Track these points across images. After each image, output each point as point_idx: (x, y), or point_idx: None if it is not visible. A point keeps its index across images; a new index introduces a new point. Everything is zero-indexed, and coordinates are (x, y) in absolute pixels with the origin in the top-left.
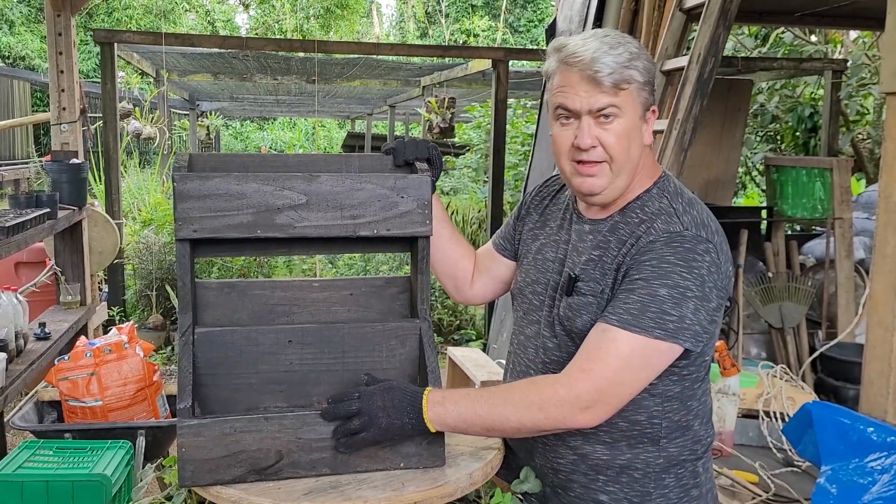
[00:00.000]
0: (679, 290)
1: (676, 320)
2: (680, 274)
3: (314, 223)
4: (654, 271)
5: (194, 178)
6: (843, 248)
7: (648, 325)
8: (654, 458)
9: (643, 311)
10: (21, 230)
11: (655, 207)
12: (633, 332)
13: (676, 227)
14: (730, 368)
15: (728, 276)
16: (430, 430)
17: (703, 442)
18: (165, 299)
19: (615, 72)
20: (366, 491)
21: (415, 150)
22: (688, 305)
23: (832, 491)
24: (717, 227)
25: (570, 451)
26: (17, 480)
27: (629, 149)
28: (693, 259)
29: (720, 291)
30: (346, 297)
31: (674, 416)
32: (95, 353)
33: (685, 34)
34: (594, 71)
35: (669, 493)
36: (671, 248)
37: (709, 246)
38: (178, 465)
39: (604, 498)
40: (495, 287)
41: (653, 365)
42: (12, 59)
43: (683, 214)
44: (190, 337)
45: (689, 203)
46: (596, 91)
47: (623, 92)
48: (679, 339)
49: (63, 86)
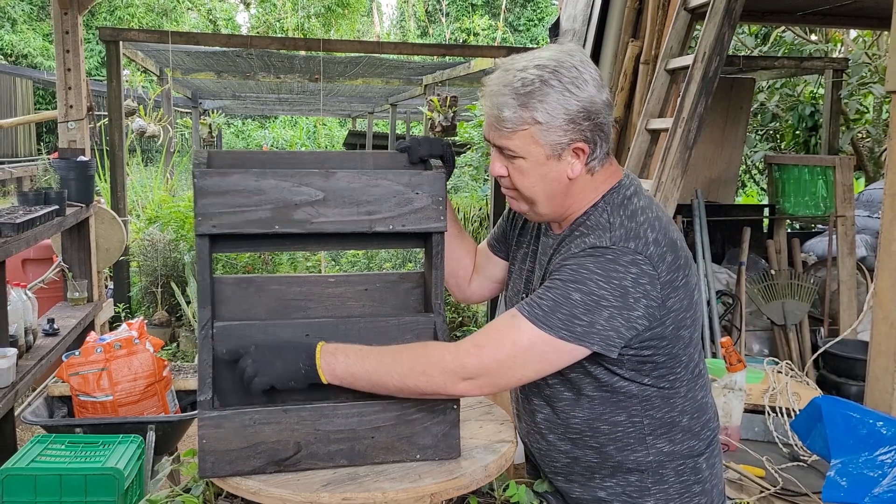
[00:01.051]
0: (594, 297)
1: (586, 325)
2: (596, 283)
3: (331, 219)
4: (571, 275)
5: (214, 175)
6: (845, 246)
7: (556, 325)
8: (644, 457)
9: (554, 310)
10: (31, 227)
11: (595, 222)
12: (539, 328)
13: (603, 242)
14: (736, 364)
15: (671, 283)
16: (322, 379)
17: (700, 437)
18: (170, 296)
19: (507, 118)
20: (384, 482)
21: (429, 147)
22: (601, 313)
23: (843, 484)
24: (660, 239)
25: (563, 455)
26: (31, 474)
27: (534, 185)
28: (613, 269)
29: (646, 301)
30: (360, 293)
31: (655, 413)
32: (106, 349)
33: (689, 33)
34: (494, 109)
35: (669, 489)
36: (592, 259)
37: (636, 258)
38: (199, 457)
39: (602, 494)
40: (491, 286)
41: (550, 361)
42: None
43: (618, 228)
44: (209, 331)
45: (632, 214)
46: (495, 130)
47: (520, 134)
48: (585, 343)
49: (70, 83)
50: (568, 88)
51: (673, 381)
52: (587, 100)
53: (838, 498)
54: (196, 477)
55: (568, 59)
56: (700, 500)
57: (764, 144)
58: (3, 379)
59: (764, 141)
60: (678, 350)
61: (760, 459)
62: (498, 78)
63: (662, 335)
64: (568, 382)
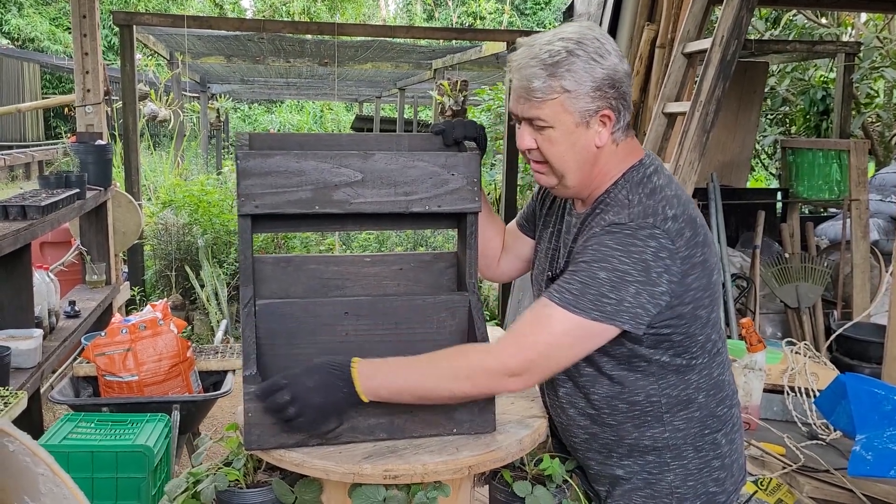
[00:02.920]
0: (618, 273)
1: (615, 303)
2: (619, 259)
3: (369, 199)
4: (594, 255)
5: (256, 156)
6: (859, 230)
7: (587, 306)
8: (661, 433)
9: (583, 293)
10: (54, 209)
11: (614, 199)
12: (571, 312)
13: (621, 219)
14: (756, 345)
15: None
16: (364, 401)
17: (716, 414)
18: (184, 279)
19: (537, 88)
20: (423, 455)
21: (463, 129)
22: (627, 289)
23: (868, 458)
24: (679, 214)
25: (582, 431)
26: (64, 451)
27: (564, 154)
28: (632, 244)
29: (668, 276)
30: (395, 272)
31: (672, 391)
32: (131, 330)
33: (706, 16)
34: (523, 80)
35: (689, 465)
36: (610, 236)
37: (654, 232)
38: (245, 430)
39: (620, 472)
40: (519, 266)
41: (584, 344)
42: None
43: (636, 206)
44: (252, 308)
45: (651, 192)
46: (525, 102)
47: (549, 103)
48: (616, 321)
49: (87, 67)
50: (592, 58)
51: (689, 359)
52: (611, 68)
53: (864, 472)
54: (237, 450)
55: (589, 32)
56: (720, 474)
57: (774, 129)
58: (30, 359)
59: (774, 125)
60: (695, 330)
61: (781, 437)
62: (524, 52)
63: (681, 314)
64: (588, 359)
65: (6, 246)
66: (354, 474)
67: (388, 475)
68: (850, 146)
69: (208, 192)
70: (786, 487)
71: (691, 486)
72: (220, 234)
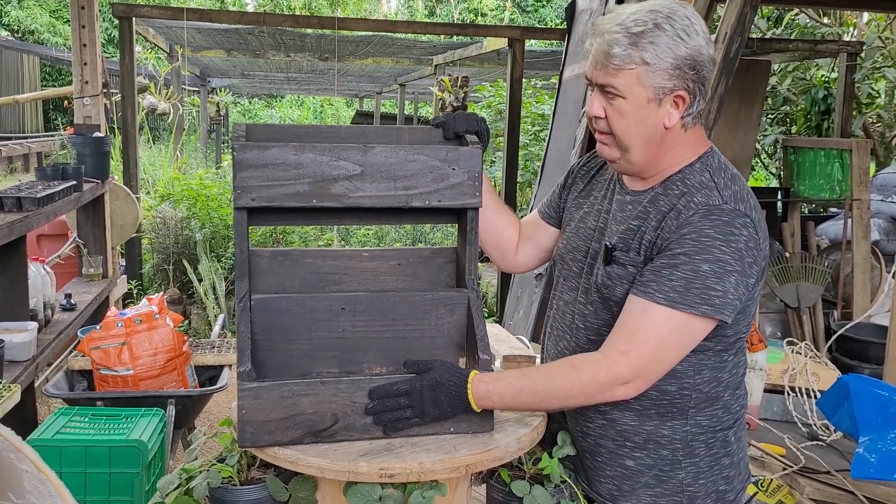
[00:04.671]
0: (720, 264)
1: (721, 295)
2: (719, 248)
3: (368, 193)
4: (694, 246)
5: (253, 148)
6: (860, 229)
7: (694, 301)
8: (681, 426)
9: (688, 287)
10: (50, 202)
11: (697, 181)
12: (677, 310)
13: (716, 201)
14: (757, 344)
15: (765, 252)
16: (475, 408)
17: (731, 411)
18: (182, 273)
19: (616, 55)
20: (420, 454)
21: (465, 123)
22: (729, 280)
23: (872, 460)
24: (756, 205)
25: (600, 416)
26: (57, 446)
27: (630, 128)
28: (731, 233)
29: (758, 267)
30: (394, 267)
31: (704, 387)
32: (127, 323)
33: (710, 13)
34: (603, 45)
35: (700, 462)
36: (710, 221)
37: (746, 220)
38: (238, 427)
39: (630, 463)
40: (539, 255)
41: (688, 341)
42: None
43: (724, 189)
44: (247, 303)
45: (732, 178)
46: (601, 67)
47: (626, 73)
48: (722, 313)
49: (86, 59)
50: (679, 34)
51: (726, 357)
52: (695, 49)
53: (868, 474)
54: (230, 447)
55: (681, 10)
56: (729, 472)
57: (775, 128)
58: (24, 352)
59: (775, 124)
60: (742, 326)
61: (781, 438)
62: (611, 18)
63: (745, 308)
64: None
65: (1, 238)
66: (350, 472)
67: (384, 474)
68: (852, 146)
69: (207, 186)
70: (786, 489)
71: (702, 483)
72: (218, 229)
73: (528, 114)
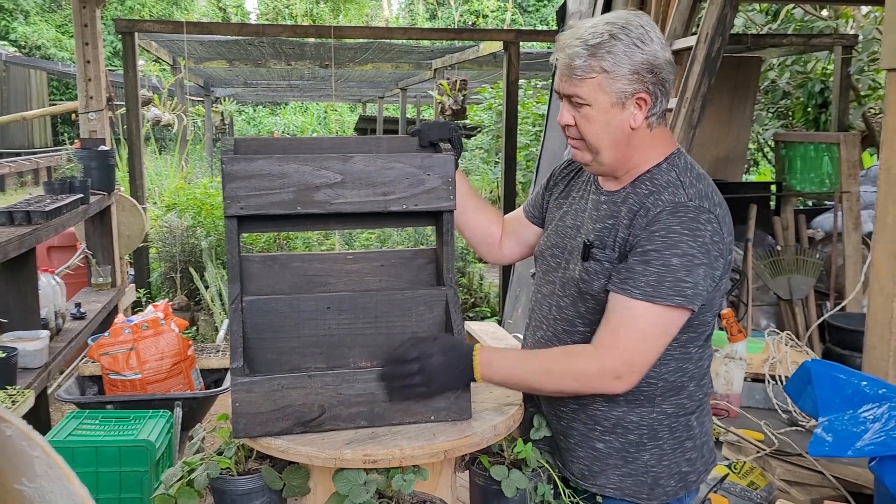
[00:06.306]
0: (688, 258)
1: (692, 286)
2: (687, 243)
3: (349, 200)
4: (664, 242)
5: (240, 160)
6: (850, 221)
7: (667, 293)
8: (648, 413)
9: (661, 281)
10: (59, 214)
11: (664, 180)
12: (653, 303)
13: (681, 198)
14: (737, 335)
15: (729, 247)
16: (478, 380)
17: (695, 398)
18: (189, 281)
19: (578, 66)
20: (401, 441)
21: (438, 131)
22: (698, 272)
23: (828, 439)
24: (721, 202)
25: (572, 400)
26: (69, 446)
27: (598, 132)
28: (697, 228)
29: (724, 260)
30: (377, 268)
31: (669, 377)
32: (134, 330)
33: (693, 14)
34: (566, 59)
35: (664, 445)
36: (676, 218)
37: (711, 216)
38: (232, 419)
39: (600, 446)
40: (521, 250)
41: (667, 332)
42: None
43: (689, 187)
44: (239, 305)
45: (697, 177)
46: (566, 79)
47: (588, 82)
48: (694, 304)
49: (90, 75)
50: (634, 42)
51: (690, 347)
52: (651, 54)
53: (823, 452)
54: (228, 440)
55: (636, 20)
56: (692, 454)
57: (775, 122)
58: (37, 359)
59: (775, 118)
60: (709, 317)
61: (759, 424)
62: (570, 34)
63: (711, 299)
64: None
65: (11, 250)
66: (336, 459)
67: (368, 460)
68: (840, 139)
69: (211, 195)
70: (759, 470)
71: (665, 465)
72: (223, 236)
73: (528, 114)
